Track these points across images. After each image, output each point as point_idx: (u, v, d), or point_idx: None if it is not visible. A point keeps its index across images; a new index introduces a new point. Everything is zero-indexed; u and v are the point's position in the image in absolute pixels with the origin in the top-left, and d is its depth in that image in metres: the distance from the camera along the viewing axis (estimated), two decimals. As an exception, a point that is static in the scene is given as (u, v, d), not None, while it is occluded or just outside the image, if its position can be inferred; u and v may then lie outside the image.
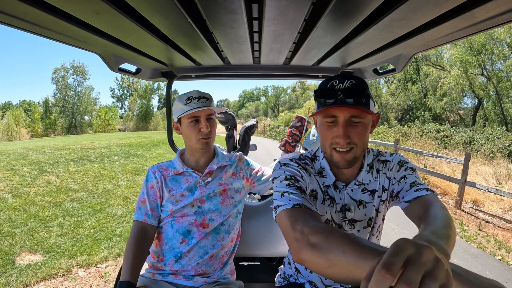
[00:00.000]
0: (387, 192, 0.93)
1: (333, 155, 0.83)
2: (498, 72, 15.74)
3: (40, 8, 0.66)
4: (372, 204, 0.91)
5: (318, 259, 0.58)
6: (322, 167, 0.93)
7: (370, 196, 0.91)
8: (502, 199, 5.28)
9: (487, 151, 9.90)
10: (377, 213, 0.93)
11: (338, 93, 0.78)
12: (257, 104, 62.18)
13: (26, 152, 7.43)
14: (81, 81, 34.53)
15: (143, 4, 0.70)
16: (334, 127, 0.81)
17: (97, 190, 5.42)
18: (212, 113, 1.23)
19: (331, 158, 0.85)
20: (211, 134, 1.22)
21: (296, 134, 2.24)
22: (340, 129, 0.79)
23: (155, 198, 1.20)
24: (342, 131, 0.79)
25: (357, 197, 0.91)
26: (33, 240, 3.46)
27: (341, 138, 0.79)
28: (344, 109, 0.78)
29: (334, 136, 0.81)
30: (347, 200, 0.90)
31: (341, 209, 0.90)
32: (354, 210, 0.90)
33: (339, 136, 0.79)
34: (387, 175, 0.93)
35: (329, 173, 0.91)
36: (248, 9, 0.77)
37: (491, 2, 0.62)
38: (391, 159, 0.95)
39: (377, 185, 0.93)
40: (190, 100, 1.18)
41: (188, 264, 1.14)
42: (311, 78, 1.83)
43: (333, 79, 0.80)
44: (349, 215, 0.90)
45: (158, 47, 1.13)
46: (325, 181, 0.92)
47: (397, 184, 0.91)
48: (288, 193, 0.78)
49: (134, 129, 36.51)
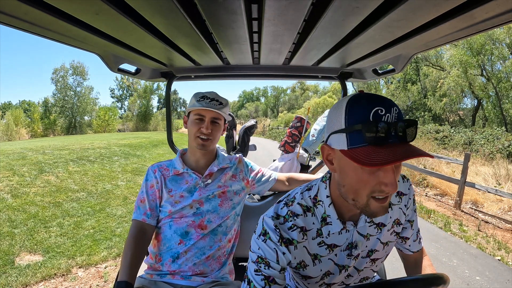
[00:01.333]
0: (401, 227, 0.89)
1: (370, 204, 0.66)
2: (497, 73, 15.76)
3: (40, 8, 0.66)
4: (376, 237, 0.84)
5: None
6: (327, 214, 0.78)
7: (376, 229, 0.83)
8: (502, 200, 5.29)
9: (487, 151, 9.91)
10: (381, 244, 0.86)
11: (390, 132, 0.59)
12: (257, 105, 62.20)
13: (25, 152, 7.42)
14: (80, 81, 34.52)
15: (143, 4, 0.70)
16: (379, 171, 0.62)
17: (97, 190, 5.42)
18: (219, 117, 1.23)
19: (366, 207, 0.66)
20: (211, 137, 1.22)
21: (295, 134, 2.24)
22: (390, 174, 0.61)
23: (154, 198, 1.20)
24: (393, 177, 0.61)
25: (364, 232, 0.82)
26: (32, 240, 3.46)
27: (390, 187, 0.61)
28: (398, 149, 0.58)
29: (378, 182, 0.62)
30: (356, 237, 0.80)
31: (347, 248, 0.81)
32: (361, 245, 0.81)
33: (388, 185, 0.61)
34: (403, 210, 0.87)
35: (336, 222, 0.77)
36: (248, 9, 0.77)
37: (490, 3, 0.62)
38: (406, 193, 0.87)
39: (388, 219, 0.84)
40: (203, 99, 1.20)
41: (185, 264, 1.14)
42: (311, 78, 1.83)
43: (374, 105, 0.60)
44: (355, 252, 0.81)
45: (158, 48, 1.13)
46: (331, 229, 0.78)
47: (409, 225, 0.90)
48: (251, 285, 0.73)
49: (133, 130, 36.48)
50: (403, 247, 0.95)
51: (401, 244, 0.95)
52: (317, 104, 29.14)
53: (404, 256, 0.98)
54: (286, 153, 2.28)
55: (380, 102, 0.61)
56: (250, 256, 0.77)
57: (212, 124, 1.21)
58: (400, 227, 0.88)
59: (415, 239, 0.93)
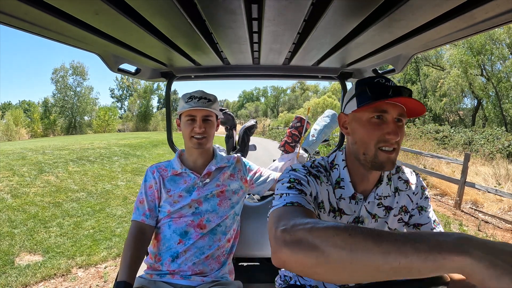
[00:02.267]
0: (408, 215, 0.92)
1: (378, 155, 0.76)
2: (497, 73, 15.77)
3: (40, 8, 0.66)
4: (384, 220, 0.89)
5: (301, 258, 0.48)
6: (341, 177, 0.85)
7: (384, 211, 0.88)
8: (502, 200, 5.29)
9: (487, 151, 9.91)
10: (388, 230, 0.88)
11: (388, 89, 0.74)
12: (257, 105, 62.21)
13: (25, 152, 7.42)
14: (80, 81, 34.55)
15: (143, 4, 0.70)
16: (382, 124, 0.75)
17: (97, 191, 5.42)
18: (210, 114, 1.23)
19: (375, 159, 0.77)
20: (205, 135, 1.22)
21: (295, 134, 2.25)
22: (390, 125, 0.75)
23: (153, 198, 1.21)
24: (393, 127, 0.74)
25: (373, 211, 0.87)
26: (32, 240, 3.46)
27: (393, 135, 0.73)
28: (396, 106, 0.75)
29: (383, 133, 0.75)
30: (363, 212, 0.86)
31: (353, 221, 0.86)
32: (367, 223, 0.86)
33: (390, 133, 0.74)
34: (410, 197, 0.91)
35: (348, 185, 0.85)
36: (248, 9, 0.76)
37: (490, 3, 0.62)
38: (414, 182, 0.93)
39: (395, 203, 0.90)
40: (191, 99, 1.20)
41: (184, 263, 1.15)
42: (311, 78, 1.83)
43: (377, 78, 0.78)
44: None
45: (158, 48, 1.13)
46: (342, 193, 0.85)
47: (417, 213, 0.92)
48: (286, 194, 0.71)
49: (133, 130, 36.50)
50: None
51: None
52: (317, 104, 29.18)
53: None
54: (286, 153, 2.28)
55: (381, 76, 0.78)
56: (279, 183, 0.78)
57: (204, 122, 1.22)
58: (407, 215, 0.92)
59: (432, 228, 0.90)
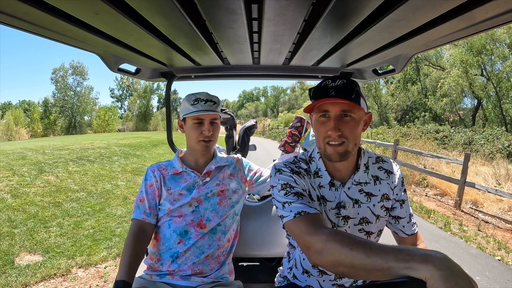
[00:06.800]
0: (390, 202, 0.99)
1: (326, 148, 0.88)
2: (498, 73, 15.76)
3: (40, 8, 0.66)
4: (366, 206, 0.95)
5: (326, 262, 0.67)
6: (318, 167, 0.97)
7: (366, 197, 0.95)
8: (502, 200, 5.29)
9: (487, 151, 9.90)
10: (373, 215, 0.96)
11: (330, 90, 0.84)
12: (257, 105, 62.21)
13: (25, 152, 7.42)
14: (80, 81, 34.41)
15: (143, 4, 0.70)
16: (327, 122, 0.87)
17: (97, 190, 5.42)
18: (217, 117, 1.24)
19: (325, 152, 0.89)
20: (213, 138, 1.24)
21: (295, 134, 2.24)
22: (331, 122, 0.85)
23: (154, 197, 1.21)
24: (333, 124, 0.85)
25: (354, 196, 0.95)
26: (32, 240, 3.46)
27: (333, 131, 0.84)
28: (335, 104, 0.85)
29: (326, 130, 0.86)
30: (343, 197, 0.94)
31: (336, 206, 0.94)
32: (349, 207, 0.94)
33: (331, 129, 0.85)
34: (390, 186, 0.99)
35: (324, 174, 0.95)
36: (248, 9, 0.76)
37: (490, 3, 0.62)
38: (395, 172, 1.00)
39: (377, 191, 0.97)
40: (197, 102, 1.19)
41: (184, 263, 1.15)
42: (311, 78, 1.83)
43: (327, 79, 0.88)
44: (343, 212, 0.94)
45: (158, 48, 1.13)
46: (321, 181, 0.95)
47: (399, 206, 1.01)
48: (288, 203, 0.83)
49: (133, 129, 36.47)
50: (397, 228, 1.02)
51: (395, 226, 1.03)
52: (317, 104, 29.06)
53: (400, 239, 1.05)
54: (286, 153, 2.28)
55: (332, 77, 0.88)
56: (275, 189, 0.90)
57: (212, 125, 1.22)
58: (389, 202, 0.99)
59: (408, 221, 1.01)
